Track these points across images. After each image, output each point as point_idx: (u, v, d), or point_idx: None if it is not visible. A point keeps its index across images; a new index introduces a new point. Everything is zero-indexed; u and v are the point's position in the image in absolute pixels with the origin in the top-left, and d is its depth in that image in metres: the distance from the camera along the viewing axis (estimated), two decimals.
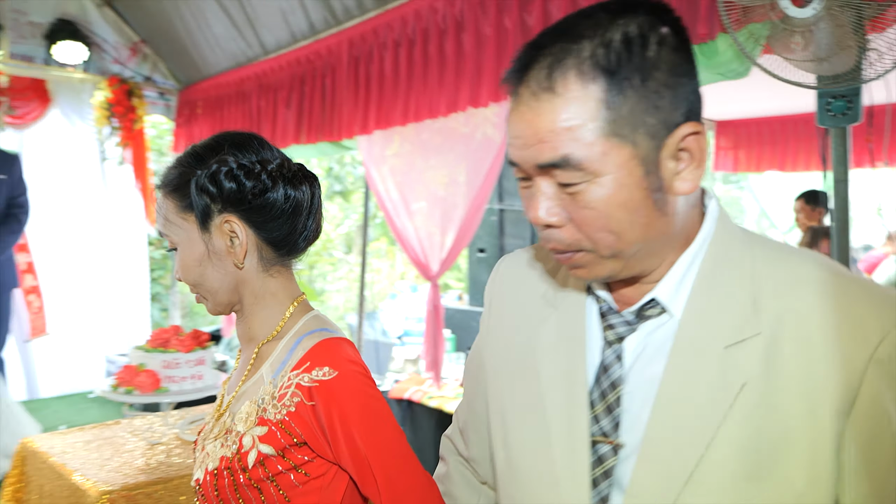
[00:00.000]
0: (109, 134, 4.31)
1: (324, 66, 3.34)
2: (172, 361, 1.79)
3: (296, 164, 1.00)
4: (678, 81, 0.61)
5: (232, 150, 0.95)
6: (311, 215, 0.99)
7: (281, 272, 0.99)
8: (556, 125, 0.61)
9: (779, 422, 0.62)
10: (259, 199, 0.94)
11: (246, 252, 0.95)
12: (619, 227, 0.63)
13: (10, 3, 3.97)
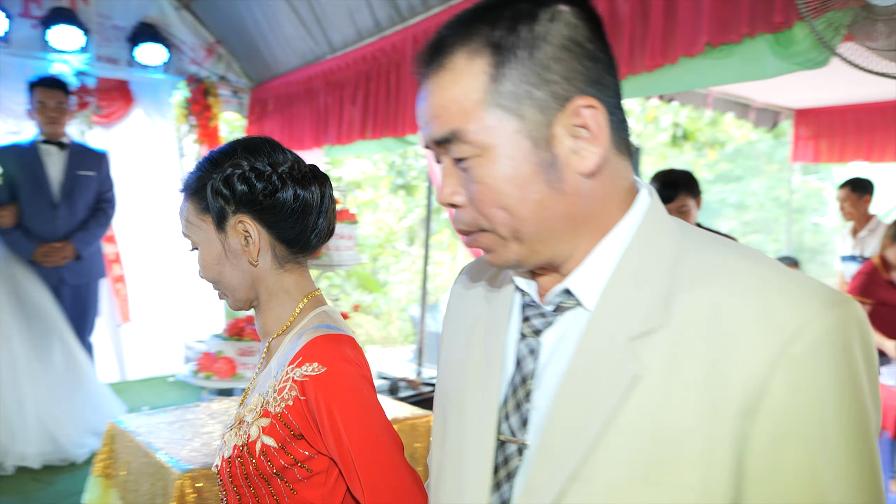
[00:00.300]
0: (187, 131, 4.53)
1: (389, 62, 3.40)
2: (247, 349, 1.88)
3: (308, 166, 1.04)
4: (572, 55, 0.60)
5: (245, 155, 1.00)
6: (321, 214, 1.03)
7: (294, 269, 1.04)
8: (444, 100, 0.62)
9: (675, 421, 0.57)
10: (270, 199, 0.98)
11: (259, 250, 1.00)
12: (510, 204, 0.61)
13: (96, 9, 4.22)
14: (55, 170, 3.34)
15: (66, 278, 3.35)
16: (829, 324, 0.55)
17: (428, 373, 3.75)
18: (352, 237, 2.14)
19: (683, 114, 7.57)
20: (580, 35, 0.61)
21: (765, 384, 0.54)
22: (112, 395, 3.54)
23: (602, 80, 0.62)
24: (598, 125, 0.61)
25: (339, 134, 3.73)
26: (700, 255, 0.62)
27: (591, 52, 0.61)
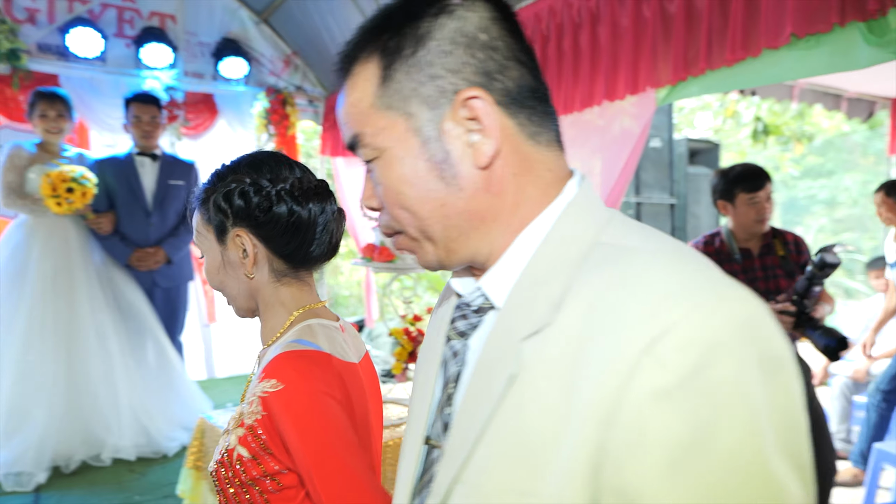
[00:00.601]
0: (266, 140, 4.72)
1: None
2: None
3: (315, 182, 1.05)
4: (460, 48, 0.58)
5: (247, 170, 1.03)
6: (321, 230, 1.04)
7: (292, 283, 1.05)
8: (347, 106, 0.63)
9: (545, 426, 0.52)
10: (265, 215, 1.01)
11: (255, 263, 1.03)
12: (409, 204, 0.61)
13: (184, 27, 4.47)
14: (148, 180, 3.56)
15: (158, 281, 3.57)
16: (708, 323, 0.47)
17: None
18: None
19: (765, 107, 7.21)
20: (470, 26, 0.59)
21: (623, 389, 0.48)
22: (199, 392, 3.74)
23: (501, 70, 0.59)
24: (488, 116, 0.58)
25: None
26: (609, 247, 0.56)
27: (484, 43, 0.59)
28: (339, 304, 7.93)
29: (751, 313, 0.49)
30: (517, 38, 0.61)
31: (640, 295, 0.50)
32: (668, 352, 0.47)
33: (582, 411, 0.50)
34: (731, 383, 0.46)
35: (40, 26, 3.99)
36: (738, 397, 0.46)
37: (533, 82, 0.61)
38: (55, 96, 3.27)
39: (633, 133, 2.78)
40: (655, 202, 4.66)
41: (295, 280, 1.06)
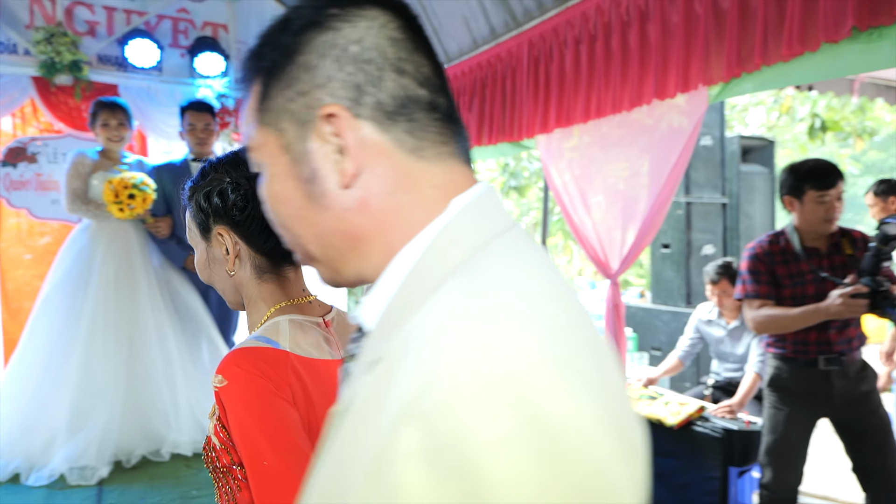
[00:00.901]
0: None
1: (504, 68, 3.43)
2: None
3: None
4: (329, 61, 0.55)
5: (227, 169, 1.03)
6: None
7: (273, 279, 1.05)
8: (241, 123, 0.64)
9: (348, 469, 0.48)
10: (241, 213, 1.02)
11: (237, 260, 1.04)
12: (284, 222, 0.60)
13: (235, 36, 4.60)
14: None
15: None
16: (465, 380, 0.40)
17: None
18: None
19: (823, 103, 6.95)
20: (341, 38, 0.55)
21: (384, 446, 0.43)
22: None
23: (375, 82, 0.55)
24: (349, 132, 0.54)
25: None
26: (457, 279, 0.50)
27: (355, 55, 0.55)
28: None
29: (520, 372, 0.41)
30: (405, 47, 0.57)
31: (426, 341, 0.45)
32: (430, 408, 0.41)
33: (360, 465, 0.46)
34: (487, 464, 0.39)
35: (100, 38, 4.17)
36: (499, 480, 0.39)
37: (419, 92, 0.56)
38: (116, 106, 3.41)
39: (683, 131, 2.72)
40: (706, 202, 4.55)
41: (276, 276, 1.06)
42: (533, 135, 3.25)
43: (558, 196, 3.37)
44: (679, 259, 4.49)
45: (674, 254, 4.52)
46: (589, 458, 0.40)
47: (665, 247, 4.60)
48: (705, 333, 3.54)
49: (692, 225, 4.50)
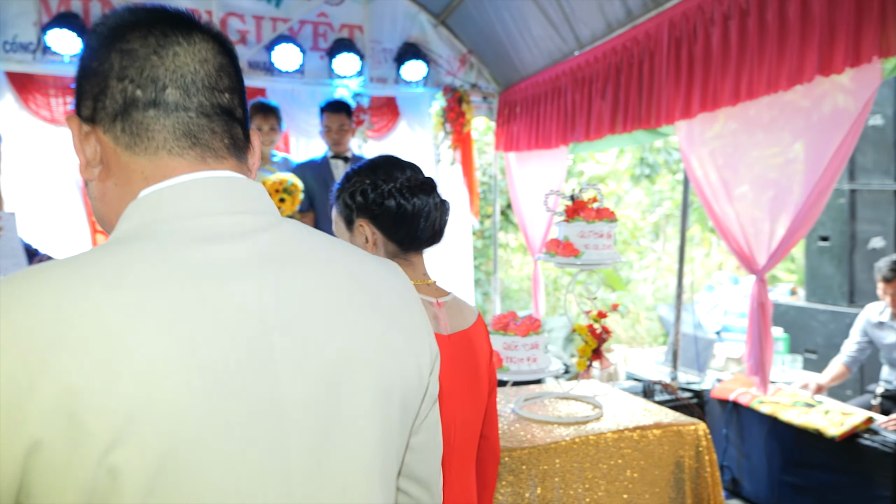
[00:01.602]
0: (443, 138, 4.90)
1: (641, 51, 3.27)
2: (511, 344, 1.97)
3: (419, 180, 1.27)
4: (81, 79, 0.67)
5: (367, 173, 1.27)
6: (426, 220, 1.26)
7: (402, 263, 1.27)
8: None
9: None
10: (379, 208, 1.24)
11: (374, 247, 1.26)
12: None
13: (369, 36, 4.78)
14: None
15: None
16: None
17: (684, 377, 3.53)
18: (611, 235, 2.10)
19: None
20: (87, 58, 0.67)
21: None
22: None
23: (103, 91, 0.65)
24: (76, 135, 0.67)
25: (588, 130, 3.70)
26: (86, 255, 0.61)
27: (94, 69, 0.66)
28: (509, 297, 8.00)
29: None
30: (133, 56, 0.64)
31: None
32: None
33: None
34: None
35: (250, 46, 4.50)
36: None
37: (140, 94, 0.64)
38: (270, 110, 3.65)
39: (848, 113, 2.45)
40: (875, 189, 4.07)
41: (404, 261, 1.28)
42: (673, 121, 3.08)
43: (698, 186, 3.18)
44: (840, 253, 4.06)
45: (833, 247, 4.09)
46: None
47: (823, 239, 4.18)
48: (875, 337, 3.18)
49: (857, 215, 4.05)
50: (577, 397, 2.23)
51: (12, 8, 4.00)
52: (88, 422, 0.51)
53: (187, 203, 0.63)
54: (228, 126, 0.68)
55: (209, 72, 0.66)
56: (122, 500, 0.52)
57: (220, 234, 0.62)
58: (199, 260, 0.59)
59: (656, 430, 2.00)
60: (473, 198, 5.16)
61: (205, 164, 0.66)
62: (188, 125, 0.65)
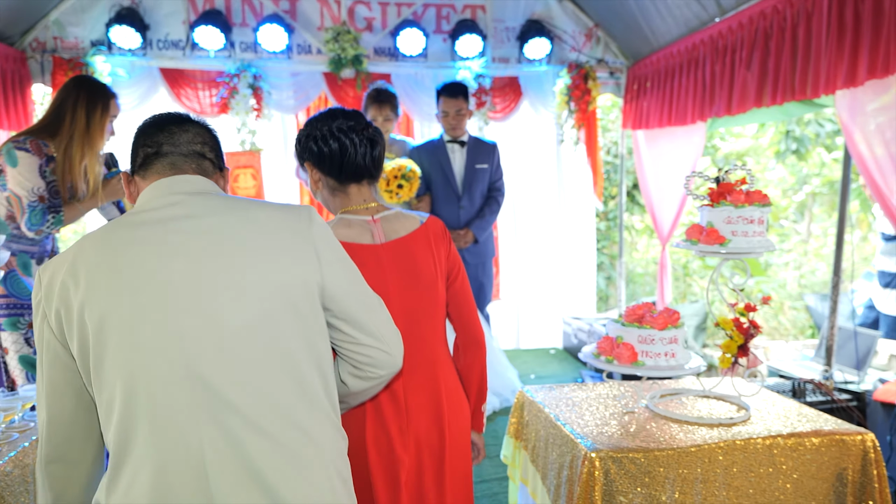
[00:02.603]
0: (567, 117, 4.73)
1: (795, 14, 2.94)
2: (647, 337, 1.85)
3: (341, 125, 1.53)
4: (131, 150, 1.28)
5: (305, 125, 1.59)
6: (347, 158, 1.54)
7: (339, 195, 1.58)
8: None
9: None
10: (307, 153, 1.57)
11: (317, 182, 1.59)
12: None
13: (492, 15, 4.70)
14: (458, 165, 3.79)
15: (466, 259, 3.81)
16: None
17: (840, 376, 3.19)
18: (763, 221, 1.90)
19: None
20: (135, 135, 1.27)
21: None
22: (506, 360, 3.96)
23: (134, 155, 1.24)
24: (126, 179, 1.27)
25: (730, 104, 3.40)
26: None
27: (133, 142, 1.26)
28: (633, 281, 7.68)
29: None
30: (149, 132, 1.23)
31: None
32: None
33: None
34: None
35: (376, 32, 4.58)
36: None
37: (151, 154, 1.21)
38: (384, 101, 3.59)
39: None
40: None
41: (341, 192, 1.58)
42: (833, 90, 2.74)
43: (861, 162, 2.82)
44: None
45: None
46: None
47: None
48: None
49: None
50: (721, 396, 2.07)
51: (164, 8, 4.34)
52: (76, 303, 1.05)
53: (154, 191, 1.18)
54: (199, 161, 1.23)
55: (188, 137, 1.23)
56: (87, 339, 1.04)
57: (166, 205, 1.14)
58: (146, 219, 1.12)
59: (815, 438, 1.80)
60: (597, 178, 4.96)
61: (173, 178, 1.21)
62: (174, 160, 1.21)
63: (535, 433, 2.07)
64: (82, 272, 1.05)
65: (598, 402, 2.06)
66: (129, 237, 1.08)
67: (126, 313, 1.02)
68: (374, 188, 1.61)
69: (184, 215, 1.11)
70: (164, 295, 1.04)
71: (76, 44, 4.27)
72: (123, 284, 1.04)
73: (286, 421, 1.06)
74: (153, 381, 1.01)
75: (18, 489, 1.54)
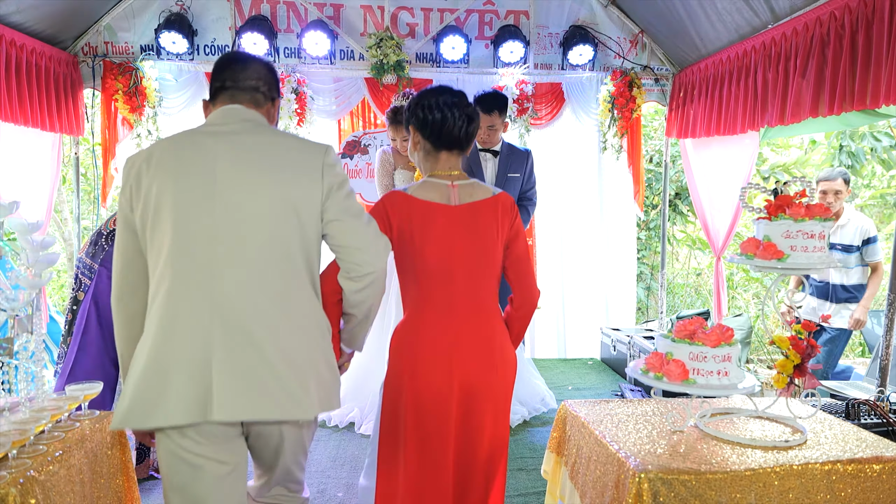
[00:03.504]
0: (609, 124, 4.65)
1: (853, 21, 2.83)
2: (699, 354, 1.78)
3: (447, 100, 1.83)
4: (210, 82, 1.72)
5: (415, 96, 1.89)
6: (445, 128, 1.83)
7: (431, 159, 1.89)
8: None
9: None
10: (414, 118, 1.87)
11: (416, 146, 1.90)
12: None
13: (535, 21, 4.65)
14: (489, 174, 3.67)
15: None
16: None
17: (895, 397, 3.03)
18: (824, 236, 1.82)
19: None
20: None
21: None
22: (534, 368, 3.89)
23: (212, 86, 1.68)
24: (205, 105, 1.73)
25: (783, 113, 3.28)
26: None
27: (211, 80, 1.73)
28: (673, 292, 7.51)
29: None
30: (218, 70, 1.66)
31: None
32: None
33: None
34: None
35: (418, 38, 4.58)
36: None
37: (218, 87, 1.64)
38: (400, 122, 3.52)
39: None
40: None
41: (433, 157, 1.88)
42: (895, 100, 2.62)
43: None
44: None
45: None
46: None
47: None
48: None
49: None
50: (775, 417, 1.98)
51: (211, 14, 4.42)
52: (145, 183, 1.50)
53: (217, 115, 1.60)
54: (252, 94, 1.62)
55: (248, 74, 1.62)
56: (149, 209, 1.49)
57: (222, 123, 1.57)
58: (207, 132, 1.55)
59: (875, 465, 1.70)
60: (639, 187, 4.86)
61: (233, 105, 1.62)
62: (233, 93, 1.61)
63: (576, 449, 2.01)
64: (154, 161, 1.50)
65: (644, 420, 1.99)
66: (192, 142, 1.53)
67: (178, 194, 1.47)
68: (462, 159, 1.91)
69: (232, 132, 1.55)
70: (207, 185, 1.47)
71: (126, 48, 4.38)
72: (180, 174, 1.48)
73: (273, 288, 1.49)
74: (189, 241, 1.46)
75: (65, 489, 1.55)
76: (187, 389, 1.39)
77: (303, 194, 1.53)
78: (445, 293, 1.78)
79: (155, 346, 1.42)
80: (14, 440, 1.45)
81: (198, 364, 1.40)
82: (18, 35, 3.67)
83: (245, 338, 1.43)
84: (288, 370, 1.46)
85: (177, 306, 1.43)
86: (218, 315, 1.43)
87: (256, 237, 1.47)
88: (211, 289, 1.43)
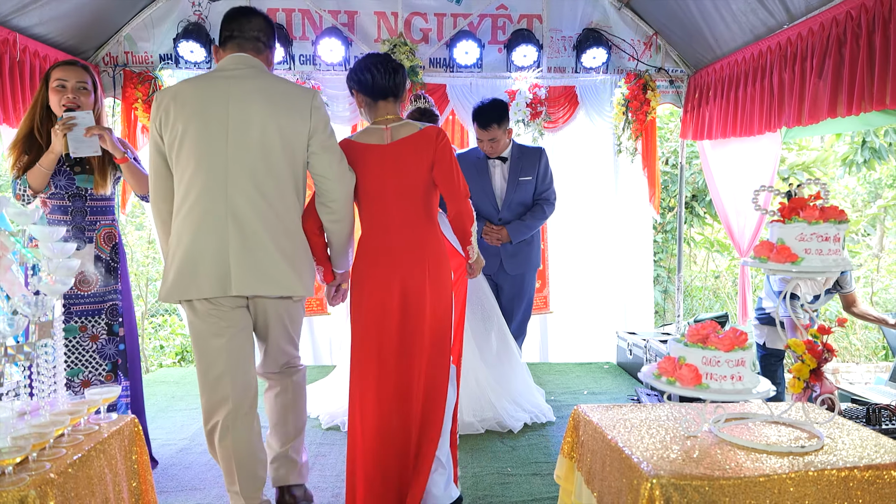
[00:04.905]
0: (624, 127, 4.63)
1: (871, 20, 2.79)
2: (713, 359, 1.77)
3: (368, 63, 2.29)
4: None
5: (358, 64, 2.32)
6: (375, 83, 2.27)
7: (370, 110, 2.32)
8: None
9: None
10: (350, 81, 2.34)
11: (361, 103, 2.34)
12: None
13: (548, 24, 4.65)
14: (498, 181, 3.65)
15: (506, 268, 3.69)
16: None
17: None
18: (839, 239, 1.79)
19: None
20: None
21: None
22: (529, 375, 3.86)
23: (221, 35, 2.28)
24: (215, 50, 2.33)
25: (800, 114, 3.25)
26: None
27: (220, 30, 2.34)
28: (690, 295, 7.44)
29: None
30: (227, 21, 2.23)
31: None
32: None
33: None
34: None
35: (432, 44, 4.60)
36: None
37: (227, 36, 2.22)
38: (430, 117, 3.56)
39: None
40: None
41: (373, 107, 2.31)
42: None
43: None
44: None
45: None
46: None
47: None
48: None
49: None
50: (791, 423, 1.95)
51: None
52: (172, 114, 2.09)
53: (227, 61, 2.17)
54: (255, 43, 2.17)
55: (252, 26, 2.17)
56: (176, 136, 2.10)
57: (232, 68, 2.14)
58: (220, 76, 2.13)
59: (895, 472, 1.68)
60: (654, 189, 4.82)
61: (239, 53, 2.18)
62: (240, 42, 2.17)
63: (591, 454, 2.01)
64: (179, 98, 2.06)
65: (658, 425, 1.98)
66: (209, 83, 2.09)
67: (199, 125, 2.03)
68: (397, 106, 2.31)
69: (241, 76, 2.09)
70: (220, 119, 2.03)
71: (146, 58, 4.46)
72: (200, 109, 2.04)
73: (270, 199, 2.09)
74: (208, 163, 2.04)
75: (83, 491, 1.58)
76: (212, 272, 2.02)
77: (293, 129, 2.09)
78: (382, 213, 2.25)
79: (188, 242, 2.04)
80: (34, 443, 1.49)
81: (220, 254, 2.02)
82: (41, 46, 3.75)
83: (252, 235, 2.04)
84: (283, 259, 2.09)
85: (202, 212, 2.03)
86: (232, 218, 2.02)
87: (258, 160, 2.05)
88: (226, 199, 2.02)
